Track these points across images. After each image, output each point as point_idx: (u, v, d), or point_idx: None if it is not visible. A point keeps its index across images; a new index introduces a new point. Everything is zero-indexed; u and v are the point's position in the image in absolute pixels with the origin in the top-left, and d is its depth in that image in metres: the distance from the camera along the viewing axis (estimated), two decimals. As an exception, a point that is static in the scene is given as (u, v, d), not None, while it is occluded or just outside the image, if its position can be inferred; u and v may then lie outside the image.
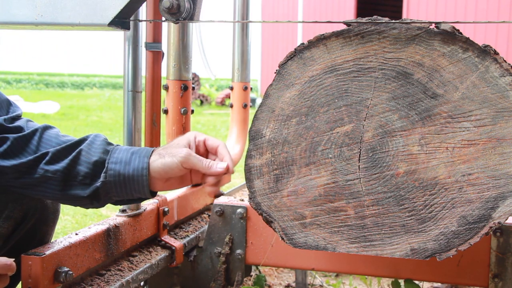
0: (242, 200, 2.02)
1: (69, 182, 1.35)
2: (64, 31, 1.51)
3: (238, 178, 4.39)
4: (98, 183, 1.34)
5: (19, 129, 1.37)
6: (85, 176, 1.34)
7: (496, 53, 1.26)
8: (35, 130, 1.38)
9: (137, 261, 1.72)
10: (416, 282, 1.80)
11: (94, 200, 1.37)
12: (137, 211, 1.75)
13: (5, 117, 1.37)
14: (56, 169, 1.33)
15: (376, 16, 1.32)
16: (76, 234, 1.51)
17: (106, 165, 1.34)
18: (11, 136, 1.34)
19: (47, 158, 1.34)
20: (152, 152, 1.37)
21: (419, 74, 1.29)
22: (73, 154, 1.35)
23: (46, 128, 1.41)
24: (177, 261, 1.89)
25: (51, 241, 1.49)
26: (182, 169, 1.35)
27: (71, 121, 10.48)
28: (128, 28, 1.50)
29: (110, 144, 1.40)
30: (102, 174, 1.34)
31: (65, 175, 1.34)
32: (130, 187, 1.35)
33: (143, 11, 1.71)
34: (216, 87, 20.99)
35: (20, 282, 1.35)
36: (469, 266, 1.72)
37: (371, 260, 1.80)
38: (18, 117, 1.42)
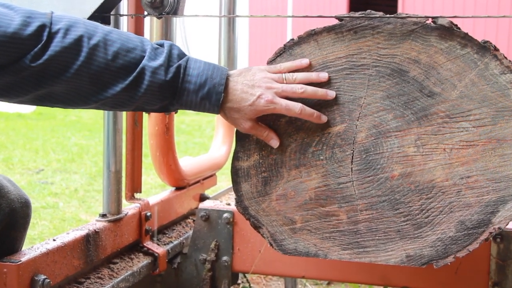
0: (229, 204, 2.00)
1: None
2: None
3: (224, 181, 4.35)
4: None
5: None
6: None
7: (496, 49, 1.24)
8: None
9: (118, 269, 1.70)
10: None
11: None
12: (118, 216, 1.72)
13: None
14: None
15: (369, 11, 1.30)
16: (54, 240, 1.49)
17: None
18: None
19: None
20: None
21: (415, 72, 1.27)
22: None
23: None
24: (160, 269, 1.87)
25: (23, 247, 1.47)
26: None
27: (48, 121, 10.28)
28: (109, 23, 1.48)
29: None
30: None
31: None
32: None
33: (124, 5, 1.68)
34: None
35: None
36: (468, 273, 1.71)
37: (364, 268, 1.78)
38: None
